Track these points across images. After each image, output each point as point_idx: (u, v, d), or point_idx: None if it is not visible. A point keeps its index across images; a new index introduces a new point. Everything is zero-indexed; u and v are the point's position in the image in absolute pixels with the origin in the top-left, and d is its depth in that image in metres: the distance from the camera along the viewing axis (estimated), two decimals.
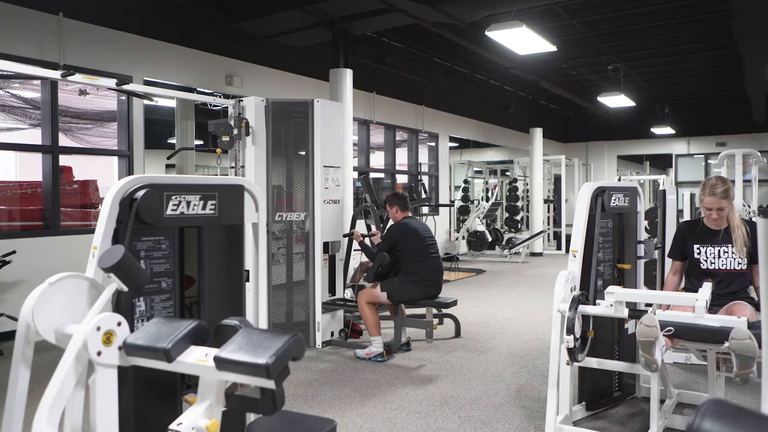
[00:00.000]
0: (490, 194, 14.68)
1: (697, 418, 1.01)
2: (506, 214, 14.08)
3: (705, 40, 10.78)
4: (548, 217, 14.34)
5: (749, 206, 6.98)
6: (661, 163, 20.59)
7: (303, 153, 5.49)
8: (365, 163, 10.36)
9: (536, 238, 12.57)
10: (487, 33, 7.60)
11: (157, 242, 2.22)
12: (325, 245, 5.38)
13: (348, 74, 7.68)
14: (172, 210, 2.22)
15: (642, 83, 14.34)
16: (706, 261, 3.37)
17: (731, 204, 3.33)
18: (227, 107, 5.44)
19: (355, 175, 9.22)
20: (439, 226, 12.02)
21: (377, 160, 12.21)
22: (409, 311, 5.48)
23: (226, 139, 5.09)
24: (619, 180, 15.39)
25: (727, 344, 2.62)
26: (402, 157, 12.13)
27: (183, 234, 2.33)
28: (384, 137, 11.32)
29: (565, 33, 10.34)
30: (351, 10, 7.60)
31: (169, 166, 12.80)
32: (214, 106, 6.58)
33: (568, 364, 3.26)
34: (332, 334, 5.41)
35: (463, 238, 12.56)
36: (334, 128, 5.52)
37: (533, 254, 12.86)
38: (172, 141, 10.30)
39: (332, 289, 5.47)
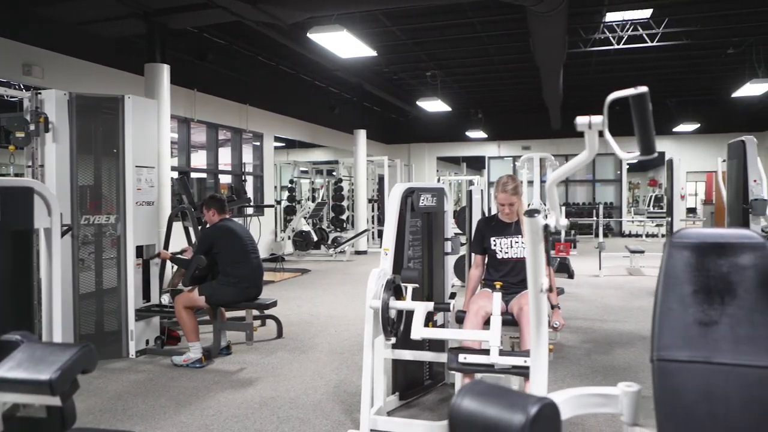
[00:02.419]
0: (316, 194, 14.83)
1: (458, 397, 1.14)
2: (332, 214, 14.32)
3: (511, 53, 11.81)
4: (372, 216, 14.82)
5: (545, 204, 7.77)
6: (477, 164, 22.14)
7: (115, 152, 5.14)
8: (186, 162, 9.96)
9: (360, 236, 12.93)
10: (308, 35, 7.68)
11: None
12: (139, 249, 5.11)
13: (165, 70, 7.33)
14: None
15: (458, 90, 15.35)
16: (501, 251, 3.71)
17: (520, 199, 3.71)
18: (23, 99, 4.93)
19: (175, 175, 8.84)
20: (265, 227, 11.91)
21: (199, 159, 11.80)
22: (229, 314, 5.39)
23: (21, 135, 4.62)
24: (438, 180, 16.30)
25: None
26: (226, 156, 11.83)
27: None
28: (206, 136, 10.96)
29: (386, 39, 10.75)
30: (167, 3, 7.28)
31: None
32: (11, 97, 5.93)
33: (387, 339, 3.41)
34: (147, 342, 5.14)
35: (289, 238, 12.56)
36: (147, 126, 5.25)
37: (358, 252, 13.20)
38: None
39: (147, 295, 5.21)
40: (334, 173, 16.05)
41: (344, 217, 14.33)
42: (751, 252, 1.34)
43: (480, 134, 17.84)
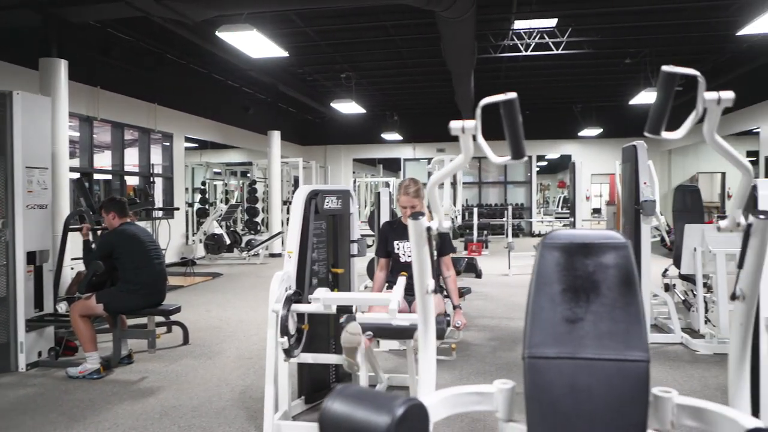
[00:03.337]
0: (230, 196, 14.52)
1: (328, 400, 1.13)
2: (246, 216, 14.05)
3: (424, 57, 12.00)
4: (287, 219, 14.65)
5: (455, 205, 7.94)
6: (393, 166, 22.37)
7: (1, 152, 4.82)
8: (88, 163, 9.49)
9: (274, 239, 12.76)
10: (217, 34, 7.51)
11: None
12: (30, 255, 4.81)
13: (62, 65, 6.94)
14: None
15: (373, 92, 15.44)
16: (404, 254, 3.75)
17: (422, 202, 3.76)
18: None
19: (77, 175, 8.41)
20: (176, 230, 11.55)
21: (104, 160, 11.28)
22: (132, 321, 5.17)
23: None
24: (354, 182, 16.34)
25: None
26: (133, 157, 11.37)
27: None
28: (111, 136, 10.49)
29: (300, 40, 10.68)
30: None
31: None
32: None
33: (285, 360, 3.38)
34: (40, 354, 4.85)
35: (200, 241, 12.23)
36: (39, 124, 4.96)
37: (272, 255, 13.02)
38: None
39: (39, 304, 4.91)
40: (249, 175, 15.76)
41: (258, 219, 14.09)
42: (614, 252, 1.41)
43: (395, 136, 18.03)
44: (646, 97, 12.41)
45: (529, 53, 11.31)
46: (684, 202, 6.07)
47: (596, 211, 22.58)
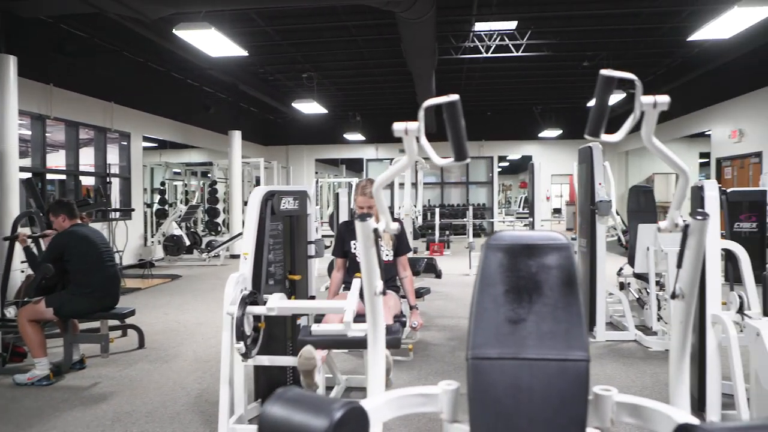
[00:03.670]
0: (190, 197, 14.30)
1: (267, 404, 1.12)
2: (206, 217, 13.86)
3: (385, 57, 12.02)
4: None
5: (415, 206, 7.97)
6: (356, 166, 22.35)
7: None
8: (41, 163, 9.23)
9: (235, 240, 12.61)
10: (174, 32, 7.38)
11: None
12: None
13: (11, 61, 6.74)
14: None
15: (335, 92, 15.40)
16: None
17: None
18: None
19: (28, 175, 8.17)
20: (134, 231, 11.33)
21: (58, 160, 10.99)
22: (84, 326, 5.05)
23: None
24: (317, 182, 16.26)
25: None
26: (89, 157, 11.10)
27: None
28: (65, 135, 10.22)
29: (260, 39, 10.59)
30: None
31: None
32: None
33: (243, 361, 3.33)
34: None
35: (159, 242, 12.01)
36: None
37: (233, 256, 12.85)
38: None
39: None
40: (209, 175, 15.54)
41: (219, 220, 13.91)
42: (557, 252, 1.43)
43: (358, 137, 18.02)
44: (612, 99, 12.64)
45: (489, 55, 11.43)
46: (638, 203, 6.21)
47: (557, 211, 22.97)
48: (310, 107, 13.60)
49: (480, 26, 10.36)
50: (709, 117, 12.94)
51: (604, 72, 1.27)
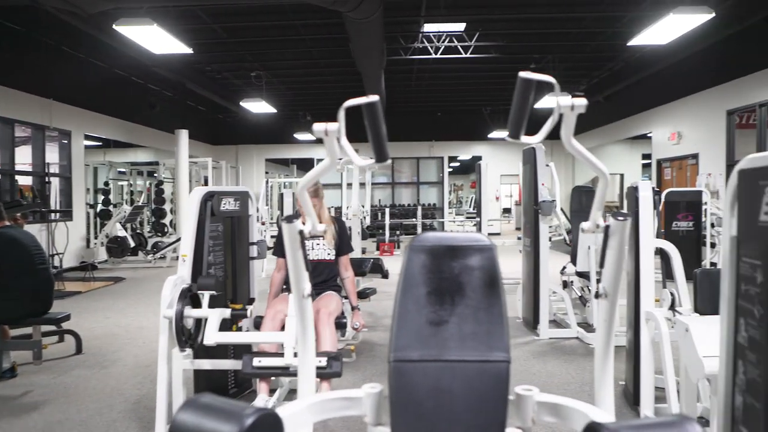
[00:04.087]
0: (135, 197, 13.95)
1: (179, 411, 1.08)
2: (153, 218, 13.54)
3: (334, 57, 11.97)
4: None
5: (363, 206, 7.95)
6: (307, 166, 22.18)
7: None
8: None
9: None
10: (115, 27, 7.18)
11: None
12: None
13: None
14: None
15: (285, 91, 15.25)
16: None
17: (321, 201, 3.74)
18: None
19: None
20: (75, 233, 10.98)
21: None
22: (18, 332, 4.85)
23: None
24: (267, 182, 16.08)
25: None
26: (26, 156, 10.68)
27: None
28: None
29: (206, 36, 10.40)
30: None
31: None
32: None
33: (182, 351, 3.25)
34: None
35: (102, 244, 11.66)
36: None
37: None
38: None
39: None
40: (156, 175, 15.19)
41: (166, 221, 13.61)
42: (479, 254, 1.44)
43: (309, 136, 17.89)
44: (550, 101, 12.91)
45: (438, 56, 11.52)
46: (580, 203, 6.34)
47: (506, 210, 23.32)
48: (258, 106, 13.44)
49: (429, 27, 10.42)
50: (650, 120, 13.35)
51: (522, 74, 1.28)
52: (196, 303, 3.30)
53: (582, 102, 1.28)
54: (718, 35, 8.91)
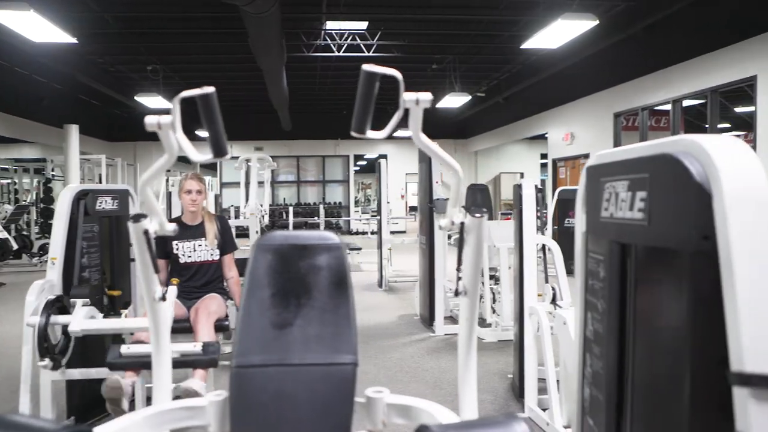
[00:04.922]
0: (20, 196, 13.05)
1: None
2: (40, 218, 12.72)
3: (235, 52, 11.65)
4: None
5: (262, 204, 7.76)
6: (210, 164, 21.56)
7: None
8: None
9: None
10: None
11: None
12: None
13: None
14: None
15: (184, 87, 14.50)
16: (183, 255, 3.57)
17: (202, 197, 3.62)
18: None
19: None
20: None
21: None
22: None
23: None
24: (167, 180, 15.46)
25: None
26: None
27: None
28: None
29: (97, 26, 9.85)
30: None
31: None
32: None
33: (50, 368, 3.03)
34: None
35: None
36: None
37: None
38: None
39: None
40: (44, 172, 14.27)
41: None
42: (327, 253, 1.40)
43: None
44: (452, 101, 13.20)
45: (341, 54, 11.47)
46: (474, 200, 6.49)
47: (413, 209, 23.63)
48: (155, 102, 12.89)
49: (331, 25, 10.36)
50: (546, 121, 13.90)
51: (365, 67, 1.25)
52: (65, 313, 3.08)
53: (427, 97, 1.27)
54: (605, 42, 9.40)
